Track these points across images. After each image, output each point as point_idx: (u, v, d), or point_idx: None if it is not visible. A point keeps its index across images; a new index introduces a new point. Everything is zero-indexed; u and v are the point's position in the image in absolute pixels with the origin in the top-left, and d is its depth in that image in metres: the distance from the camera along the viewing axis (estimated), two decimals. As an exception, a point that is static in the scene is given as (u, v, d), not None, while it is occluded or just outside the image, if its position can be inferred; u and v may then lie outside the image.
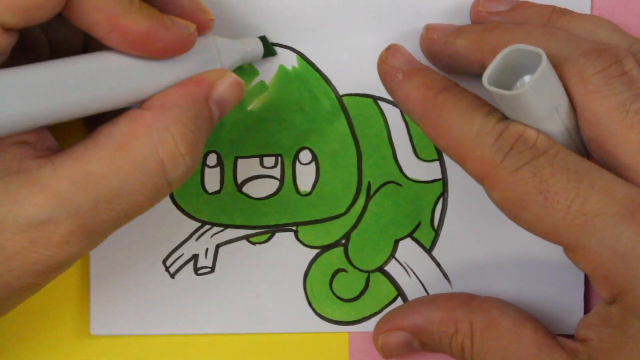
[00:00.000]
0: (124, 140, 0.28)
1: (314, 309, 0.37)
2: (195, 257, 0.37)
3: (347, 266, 0.37)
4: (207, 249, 0.37)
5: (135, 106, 0.30)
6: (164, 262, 0.37)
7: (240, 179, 0.36)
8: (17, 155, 0.28)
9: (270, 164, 0.37)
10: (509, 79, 0.30)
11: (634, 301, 0.28)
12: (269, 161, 0.37)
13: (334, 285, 0.37)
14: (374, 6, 0.36)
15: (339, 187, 0.36)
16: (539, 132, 0.29)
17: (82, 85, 0.28)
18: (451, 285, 0.37)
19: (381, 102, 0.36)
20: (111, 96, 0.29)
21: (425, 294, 0.37)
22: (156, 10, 0.29)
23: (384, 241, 0.37)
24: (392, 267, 0.37)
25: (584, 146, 0.31)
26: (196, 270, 0.37)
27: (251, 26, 0.36)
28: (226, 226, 0.37)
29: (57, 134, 0.30)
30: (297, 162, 0.36)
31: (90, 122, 0.32)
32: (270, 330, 0.37)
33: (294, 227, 0.37)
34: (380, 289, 0.37)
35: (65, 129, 0.33)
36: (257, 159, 0.36)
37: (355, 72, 0.36)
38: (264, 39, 0.35)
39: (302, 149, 0.36)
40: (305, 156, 0.36)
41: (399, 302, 0.37)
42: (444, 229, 0.37)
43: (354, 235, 0.37)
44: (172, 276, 0.37)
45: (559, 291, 0.36)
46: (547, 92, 0.29)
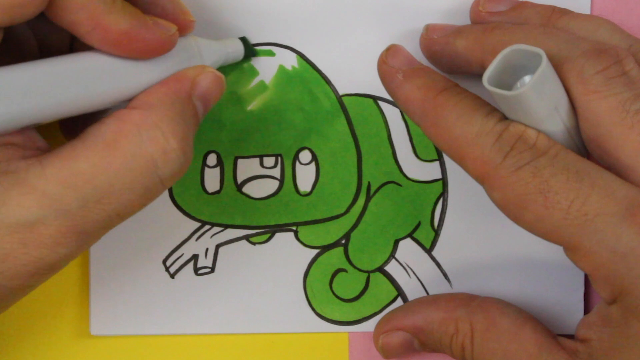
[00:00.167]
0: (112, 138, 0.28)
1: (314, 309, 0.37)
2: (195, 257, 0.37)
3: (347, 266, 0.37)
4: (207, 249, 0.37)
5: (121, 106, 0.30)
6: (164, 262, 0.37)
7: (240, 179, 0.36)
8: (4, 156, 0.28)
9: (270, 164, 0.36)
10: (509, 79, 0.30)
11: (635, 301, 0.28)
12: (269, 161, 0.36)
13: (334, 285, 0.37)
14: (374, 6, 0.36)
15: (338, 187, 0.36)
16: (539, 132, 0.29)
17: (65, 85, 0.28)
18: (451, 285, 0.37)
19: (381, 102, 0.36)
20: (95, 96, 0.29)
21: (425, 294, 0.37)
22: (138, 10, 0.29)
23: (384, 241, 0.37)
24: (392, 267, 0.37)
25: (584, 146, 0.31)
26: (196, 270, 0.37)
27: (251, 26, 0.36)
28: (226, 226, 0.37)
29: (47, 135, 0.30)
30: (297, 162, 0.36)
31: (67, 127, 0.32)
32: (270, 330, 0.37)
33: (294, 227, 0.37)
34: (380, 289, 0.37)
35: (55, 129, 0.33)
36: (257, 159, 0.36)
37: (355, 72, 0.36)
38: (244, 40, 0.35)
39: (302, 149, 0.36)
40: (305, 156, 0.36)
41: (399, 302, 0.37)
42: (444, 229, 0.37)
43: (354, 235, 0.37)
44: (172, 276, 0.37)
45: (559, 291, 0.36)
46: (547, 92, 0.29)
